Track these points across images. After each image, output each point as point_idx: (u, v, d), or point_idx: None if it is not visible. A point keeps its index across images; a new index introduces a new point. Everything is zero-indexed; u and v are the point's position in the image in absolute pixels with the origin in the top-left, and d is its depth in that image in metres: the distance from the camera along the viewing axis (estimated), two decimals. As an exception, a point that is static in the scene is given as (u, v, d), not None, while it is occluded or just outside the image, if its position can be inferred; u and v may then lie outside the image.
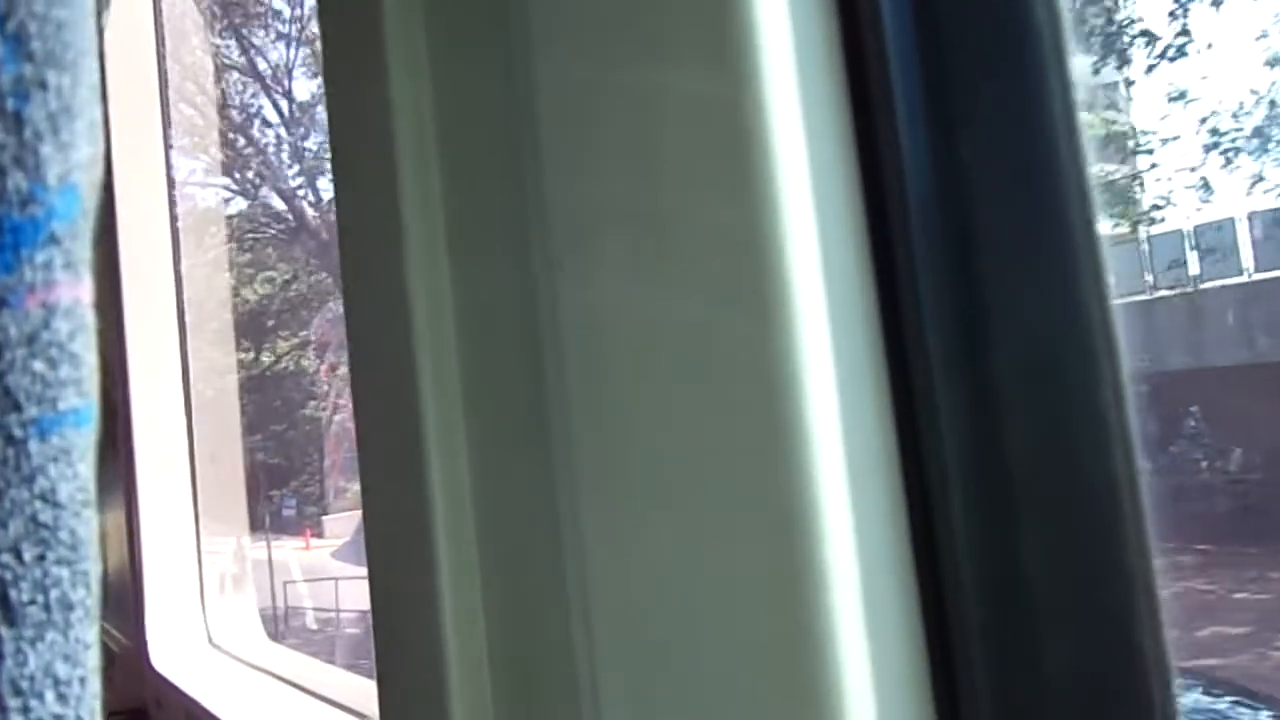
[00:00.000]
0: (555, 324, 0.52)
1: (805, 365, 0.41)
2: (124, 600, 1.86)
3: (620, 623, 0.50)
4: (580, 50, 0.50)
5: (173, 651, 1.79)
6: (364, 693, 1.45)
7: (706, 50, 0.43)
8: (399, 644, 0.68)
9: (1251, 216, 9.43)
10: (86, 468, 0.26)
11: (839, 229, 0.43)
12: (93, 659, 0.27)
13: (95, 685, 0.27)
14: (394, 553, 0.68)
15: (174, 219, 2.00)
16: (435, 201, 0.63)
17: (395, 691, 0.69)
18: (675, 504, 0.46)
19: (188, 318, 1.97)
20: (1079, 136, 0.42)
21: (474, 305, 0.62)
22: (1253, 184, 9.98)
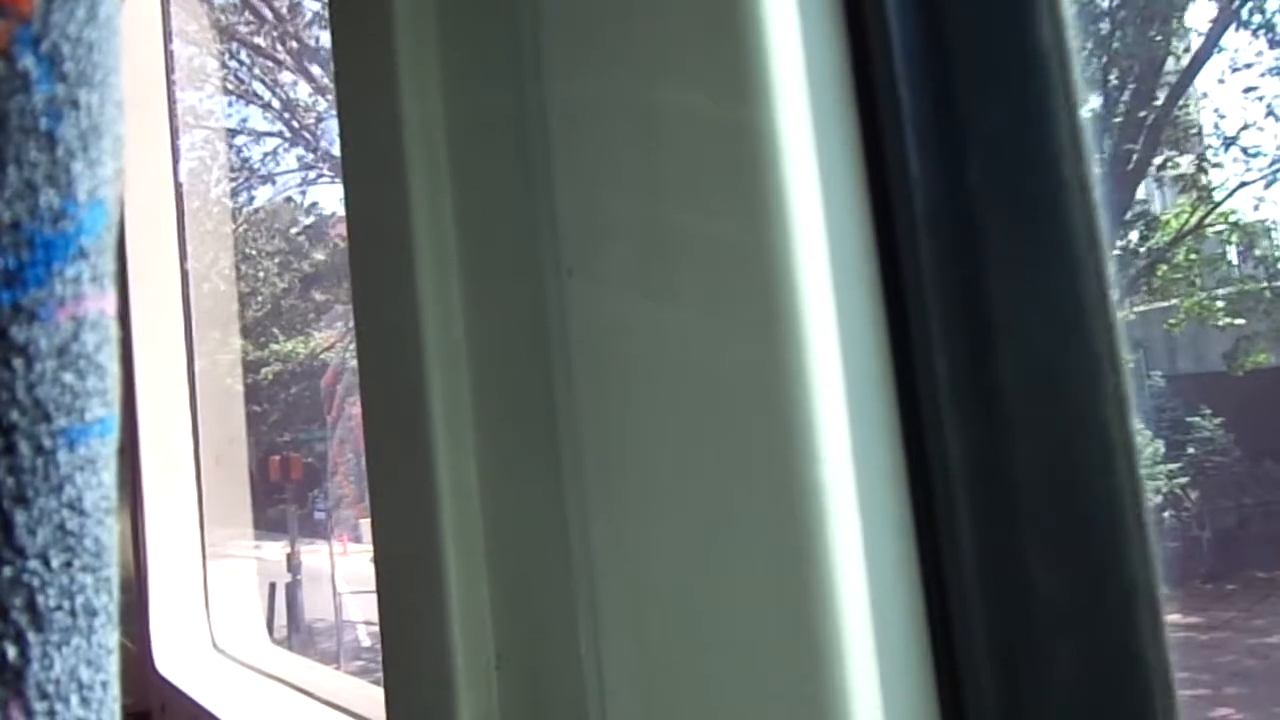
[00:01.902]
0: (565, 335, 0.53)
1: (814, 377, 0.41)
2: (129, 604, 1.86)
3: (628, 630, 0.50)
4: (591, 68, 0.51)
5: (178, 656, 1.79)
6: (369, 698, 1.46)
7: (718, 69, 0.44)
8: (406, 648, 0.68)
9: None
10: (110, 476, 0.27)
11: (847, 243, 0.43)
12: (113, 664, 0.27)
13: (115, 689, 0.27)
14: (402, 557, 0.68)
15: (180, 215, 2.00)
16: (446, 216, 0.64)
17: (402, 695, 0.70)
18: (683, 511, 0.46)
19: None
20: (1086, 155, 0.42)
21: (484, 316, 0.62)
22: None
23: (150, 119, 1.94)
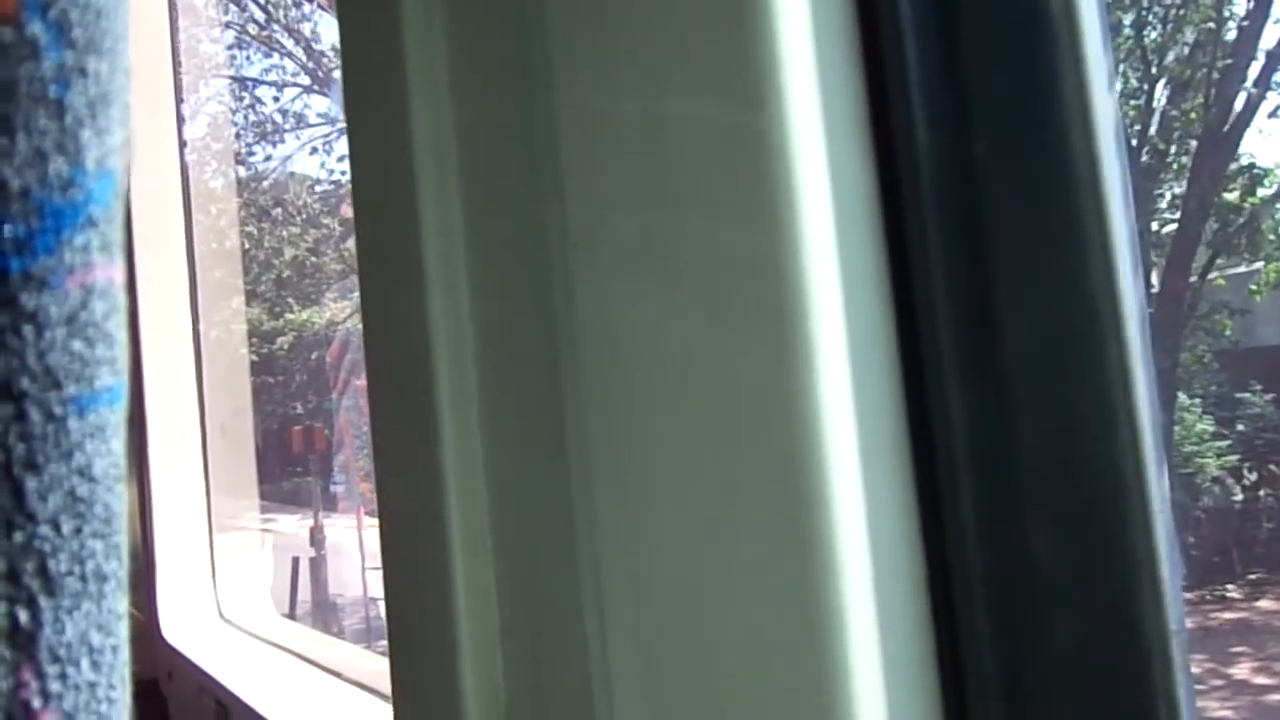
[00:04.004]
0: (570, 322, 0.53)
1: (818, 355, 0.41)
2: (136, 573, 1.87)
3: (631, 604, 0.50)
4: (601, 77, 0.51)
5: (185, 625, 1.80)
6: (372, 667, 1.47)
7: (727, 75, 0.43)
8: (411, 623, 0.69)
9: None
10: (119, 443, 0.27)
11: (852, 218, 0.43)
12: (123, 629, 0.27)
13: (125, 654, 0.28)
14: (408, 533, 0.69)
15: (186, 186, 2.00)
16: (455, 218, 0.64)
17: (407, 667, 0.70)
18: (687, 489, 0.47)
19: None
20: (1094, 126, 0.42)
21: (491, 304, 0.62)
22: None
23: (155, 86, 1.94)
